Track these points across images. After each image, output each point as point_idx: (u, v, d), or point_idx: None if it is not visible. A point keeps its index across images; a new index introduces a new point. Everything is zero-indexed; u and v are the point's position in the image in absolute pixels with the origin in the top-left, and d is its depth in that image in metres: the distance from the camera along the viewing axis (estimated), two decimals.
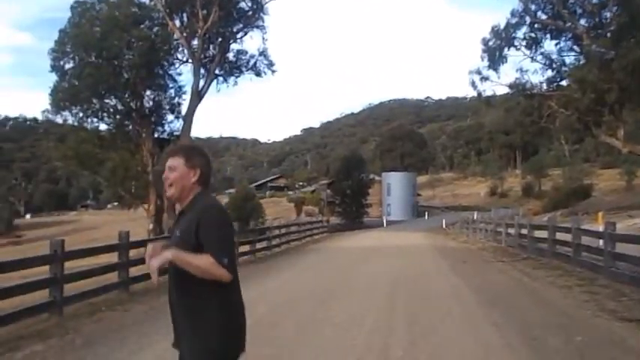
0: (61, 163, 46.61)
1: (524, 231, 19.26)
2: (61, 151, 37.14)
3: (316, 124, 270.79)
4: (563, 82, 33.98)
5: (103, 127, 36.26)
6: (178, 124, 36.66)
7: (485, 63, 33.22)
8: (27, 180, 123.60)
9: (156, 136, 35.87)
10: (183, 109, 36.43)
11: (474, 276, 13.23)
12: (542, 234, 16.69)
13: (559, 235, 15.30)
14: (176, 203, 2.90)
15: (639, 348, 6.37)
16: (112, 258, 11.31)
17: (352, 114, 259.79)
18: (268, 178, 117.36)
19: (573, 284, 11.10)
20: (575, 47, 33.08)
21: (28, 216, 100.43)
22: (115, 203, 42.41)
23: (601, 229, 12.55)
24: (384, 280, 12.56)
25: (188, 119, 35.64)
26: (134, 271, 11.24)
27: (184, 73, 67.94)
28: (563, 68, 33.31)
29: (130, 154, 35.20)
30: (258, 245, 20.49)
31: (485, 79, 33.77)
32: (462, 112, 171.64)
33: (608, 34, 30.24)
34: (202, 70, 36.12)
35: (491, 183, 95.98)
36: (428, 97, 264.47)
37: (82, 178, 77.24)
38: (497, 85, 34.07)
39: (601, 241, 11.95)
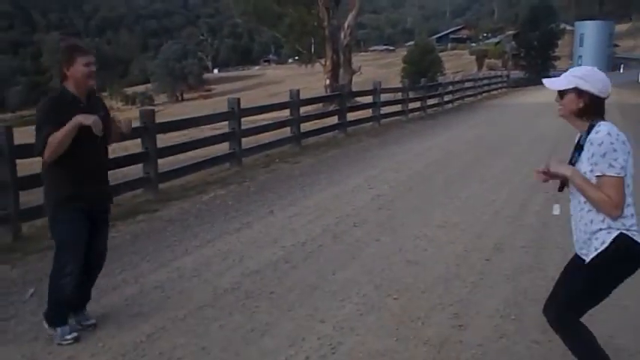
0: (240, 20, 48.19)
1: None
2: (241, 6, 38.47)
3: None
4: None
5: None
6: None
7: None
8: (212, 35, 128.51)
9: None
10: None
11: None
12: None
13: None
14: None
15: None
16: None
17: None
18: (450, 30, 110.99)
19: None
20: None
21: (216, 71, 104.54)
22: (296, 58, 43.57)
23: None
24: (548, 140, 12.32)
25: None
26: (307, 126, 12.22)
27: None
28: None
29: (306, 9, 35.61)
30: (430, 102, 20.66)
31: None
32: None
33: None
34: None
35: None
36: None
37: (263, 33, 78.88)
38: None
39: None
